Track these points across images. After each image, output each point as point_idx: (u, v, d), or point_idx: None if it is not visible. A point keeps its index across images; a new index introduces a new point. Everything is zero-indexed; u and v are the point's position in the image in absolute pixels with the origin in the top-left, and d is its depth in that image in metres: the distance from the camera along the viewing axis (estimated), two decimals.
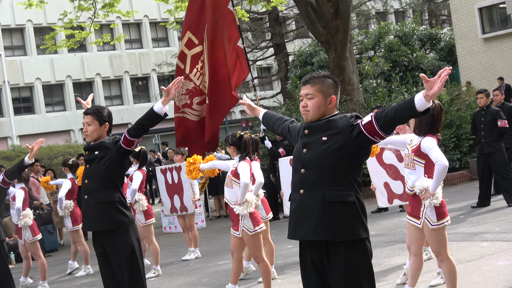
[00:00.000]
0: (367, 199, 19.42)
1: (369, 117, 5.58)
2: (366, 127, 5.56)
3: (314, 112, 5.84)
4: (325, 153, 5.70)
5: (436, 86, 5.31)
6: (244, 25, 37.10)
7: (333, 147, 5.67)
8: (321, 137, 5.74)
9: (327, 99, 5.83)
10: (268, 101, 39.71)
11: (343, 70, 22.65)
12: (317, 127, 5.82)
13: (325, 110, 5.84)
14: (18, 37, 48.70)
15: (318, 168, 5.72)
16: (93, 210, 8.05)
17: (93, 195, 8.04)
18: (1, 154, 36.81)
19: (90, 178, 8.10)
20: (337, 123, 5.75)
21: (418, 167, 7.95)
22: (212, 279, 12.34)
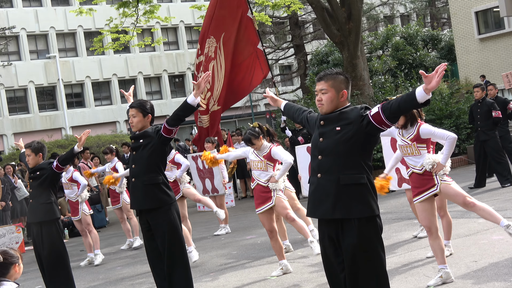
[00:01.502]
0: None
1: (376, 108, 5.60)
2: (374, 117, 5.58)
3: (328, 105, 5.86)
4: (339, 141, 5.71)
5: (434, 81, 5.35)
6: (268, 29, 37.05)
7: (346, 135, 5.68)
8: (335, 127, 5.76)
9: (339, 93, 5.84)
10: (289, 96, 39.60)
11: (355, 68, 22.57)
12: (331, 119, 5.83)
13: (337, 103, 5.85)
14: (70, 41, 48.86)
15: (333, 154, 5.74)
16: (140, 191, 8.11)
17: (140, 178, 8.10)
18: (56, 143, 37.00)
19: (137, 163, 8.16)
20: (349, 115, 5.76)
21: (422, 151, 7.95)
22: (240, 251, 12.34)
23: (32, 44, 47.21)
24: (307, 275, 9.55)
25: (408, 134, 8.04)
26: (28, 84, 46.06)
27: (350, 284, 5.69)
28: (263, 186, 9.83)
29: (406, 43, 31.51)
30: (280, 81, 44.53)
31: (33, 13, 46.95)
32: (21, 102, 46.60)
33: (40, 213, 9.72)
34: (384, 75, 28.34)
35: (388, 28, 33.40)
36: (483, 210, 8.11)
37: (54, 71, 46.91)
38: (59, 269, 9.63)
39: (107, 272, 12.51)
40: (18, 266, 5.83)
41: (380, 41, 32.76)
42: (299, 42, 37.88)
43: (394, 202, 15.44)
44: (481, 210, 8.11)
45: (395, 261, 9.39)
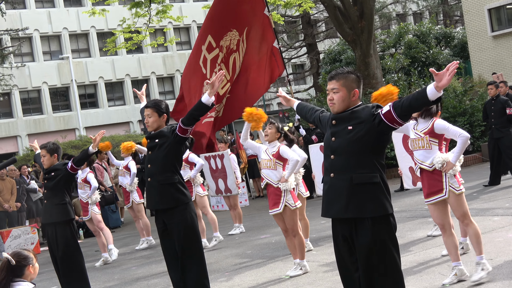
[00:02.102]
0: (390, 180, 19.32)
1: (388, 106, 5.58)
2: (385, 116, 5.56)
3: (339, 105, 5.85)
4: (351, 141, 5.70)
5: (445, 79, 5.32)
6: (280, 28, 37.03)
7: (358, 134, 5.67)
8: (347, 127, 5.75)
9: (350, 93, 5.84)
10: (302, 94, 39.60)
11: (368, 66, 22.55)
12: (343, 118, 5.82)
13: (349, 102, 5.85)
14: (83, 41, 49.00)
15: (345, 154, 5.73)
16: (156, 190, 8.13)
17: (155, 177, 8.12)
18: (70, 144, 37.13)
19: (152, 163, 8.17)
20: (361, 114, 5.74)
21: (433, 146, 7.91)
22: (255, 251, 12.35)
23: (45, 45, 47.38)
24: (321, 274, 9.54)
25: (422, 127, 8.01)
26: (41, 85, 46.23)
27: (365, 284, 5.67)
28: (274, 187, 9.82)
29: (419, 41, 31.41)
30: (292, 80, 44.44)
31: (46, 14, 47.11)
32: (35, 103, 46.78)
33: (54, 214, 9.74)
34: (397, 73, 28.27)
35: (401, 26, 33.31)
36: (473, 236, 7.95)
37: (67, 72, 47.06)
38: (74, 269, 9.66)
39: (122, 272, 12.54)
40: (33, 267, 5.84)
41: (393, 39, 32.67)
42: (311, 41, 37.85)
43: (409, 200, 15.41)
44: (472, 235, 7.96)
45: (410, 260, 9.37)
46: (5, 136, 44.30)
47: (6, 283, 5.72)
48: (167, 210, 8.09)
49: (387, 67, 27.95)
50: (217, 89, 7.74)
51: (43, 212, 10.07)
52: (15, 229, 17.40)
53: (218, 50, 15.81)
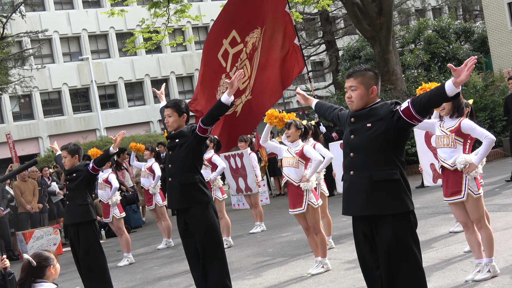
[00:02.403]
0: (411, 176, 19.24)
1: (406, 103, 5.56)
2: (404, 112, 5.53)
3: (357, 102, 5.82)
4: (370, 138, 5.68)
5: (463, 74, 5.28)
6: (299, 25, 36.95)
7: (377, 132, 5.64)
8: (366, 124, 5.72)
9: (369, 90, 5.80)
10: (321, 92, 39.57)
11: (387, 62, 22.47)
12: (361, 115, 5.80)
13: (367, 100, 5.81)
14: (102, 42, 49.19)
15: (365, 151, 5.71)
16: (177, 190, 8.13)
17: (176, 177, 8.12)
18: (91, 144, 37.26)
19: (173, 163, 8.18)
20: (379, 111, 5.72)
21: (458, 145, 7.85)
22: (276, 249, 12.34)
23: (65, 46, 47.62)
24: (343, 272, 9.52)
25: (449, 125, 7.95)
26: (62, 86, 46.47)
27: (386, 281, 5.66)
28: (295, 186, 9.80)
29: (438, 36, 31.26)
30: (312, 77, 44.45)
31: (65, 15, 47.33)
32: (56, 105, 47.03)
33: (76, 215, 9.79)
34: (416, 69, 28.15)
35: (420, 21, 33.17)
36: (485, 239, 7.89)
37: (87, 72, 47.27)
38: (96, 269, 9.70)
39: (144, 272, 12.57)
40: (54, 267, 5.86)
41: (412, 35, 32.54)
42: (330, 38, 37.79)
43: (430, 196, 15.33)
44: (484, 238, 7.89)
45: (432, 256, 9.33)
46: (26, 137, 44.57)
47: (27, 284, 5.76)
48: (188, 209, 8.09)
49: (407, 63, 27.85)
50: (236, 88, 7.73)
51: (66, 213, 10.11)
52: (37, 230, 17.50)
53: (242, 45, 15.83)
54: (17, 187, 18.44)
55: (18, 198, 18.36)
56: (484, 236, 7.82)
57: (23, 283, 5.77)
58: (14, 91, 31.29)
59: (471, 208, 7.78)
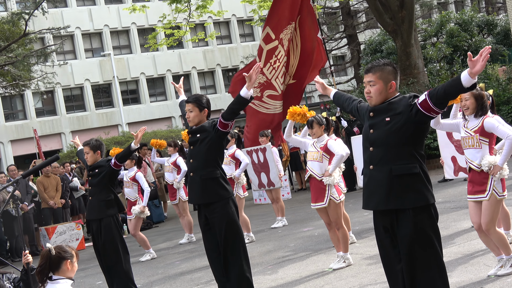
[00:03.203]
0: (434, 170, 19.16)
1: (424, 96, 5.55)
2: (422, 105, 5.54)
3: (376, 97, 5.82)
4: (390, 132, 5.67)
5: (478, 65, 5.29)
6: (320, 19, 36.87)
7: (396, 126, 5.64)
8: (385, 118, 5.72)
9: (387, 85, 5.79)
10: (343, 86, 39.45)
11: (409, 56, 22.37)
12: (380, 110, 5.79)
13: (386, 95, 5.81)
14: (124, 38, 49.33)
15: (384, 145, 5.71)
16: (198, 185, 8.12)
17: (198, 172, 8.12)
18: (113, 140, 37.46)
19: (195, 158, 8.18)
20: (398, 105, 5.71)
21: (483, 145, 7.79)
22: (297, 244, 12.34)
23: (87, 42, 47.80)
24: (365, 266, 9.50)
25: (472, 125, 7.88)
26: (84, 82, 46.67)
27: (408, 275, 5.64)
28: (318, 181, 9.80)
29: (460, 29, 31.07)
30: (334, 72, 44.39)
31: (87, 12, 47.51)
32: (78, 100, 47.24)
33: (99, 210, 9.81)
34: (439, 62, 28.00)
35: (442, 14, 32.97)
36: (497, 241, 7.82)
37: (109, 68, 47.44)
38: (119, 264, 9.71)
39: (166, 267, 12.62)
40: (71, 263, 5.87)
41: (434, 28, 32.35)
42: (351, 32, 37.65)
43: (452, 191, 15.26)
44: (497, 240, 7.82)
45: (454, 251, 9.28)
46: (49, 133, 44.80)
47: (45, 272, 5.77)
48: (209, 204, 8.09)
49: (429, 56, 27.70)
50: (255, 82, 7.68)
51: (88, 209, 10.11)
52: (60, 225, 17.61)
53: (277, 42, 15.90)
54: (40, 183, 18.57)
55: (41, 194, 18.49)
56: (495, 239, 7.77)
57: (41, 271, 5.80)
58: (36, 87, 31.40)
59: (489, 208, 7.70)
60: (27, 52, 25.53)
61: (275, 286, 9.41)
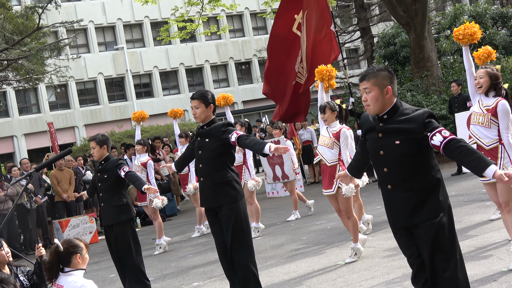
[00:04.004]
0: (447, 163, 19.10)
1: (439, 142, 5.37)
2: (433, 145, 5.43)
3: (374, 105, 5.66)
4: (401, 154, 5.55)
5: (505, 180, 5.10)
6: (334, 12, 36.80)
7: (407, 148, 5.52)
8: (395, 141, 5.57)
9: (383, 91, 5.63)
10: (356, 79, 39.33)
11: (423, 49, 22.30)
12: (389, 131, 5.63)
13: (383, 101, 5.64)
14: (137, 31, 49.40)
15: (398, 166, 5.59)
16: (210, 189, 8.09)
17: (208, 177, 8.08)
18: (126, 133, 37.50)
19: (204, 163, 8.14)
20: (408, 124, 5.53)
21: (493, 126, 7.77)
22: (310, 237, 12.34)
23: (100, 36, 47.91)
24: (378, 259, 9.49)
25: (487, 103, 7.85)
26: (97, 75, 46.79)
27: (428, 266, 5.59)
28: (328, 167, 9.86)
29: (475, 22, 30.89)
30: (347, 65, 44.28)
31: (100, 5, 47.61)
32: (91, 94, 47.37)
33: (113, 216, 9.55)
34: (452, 55, 27.90)
35: (456, 7, 32.81)
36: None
37: (122, 62, 47.53)
38: (130, 257, 9.67)
39: (179, 260, 12.64)
40: (81, 256, 5.88)
41: (448, 21, 32.20)
42: (365, 24, 37.52)
43: (465, 184, 15.22)
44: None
45: (467, 244, 9.26)
46: (62, 126, 44.95)
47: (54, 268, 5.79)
48: (220, 207, 8.09)
49: (443, 49, 27.61)
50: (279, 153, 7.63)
51: (102, 215, 9.92)
52: (73, 219, 17.68)
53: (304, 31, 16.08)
54: (53, 176, 18.64)
55: (55, 187, 18.56)
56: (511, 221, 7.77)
57: (51, 268, 5.81)
58: (50, 81, 31.48)
59: (502, 189, 7.69)
60: (40, 46, 25.59)
61: (287, 279, 9.42)
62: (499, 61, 23.72)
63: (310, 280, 9.09)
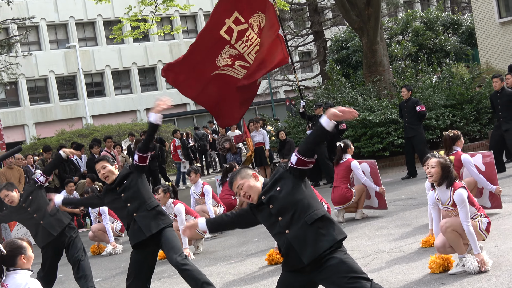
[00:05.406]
0: (397, 167, 19.27)
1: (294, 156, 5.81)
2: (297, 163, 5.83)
3: (253, 192, 5.97)
4: (287, 197, 5.85)
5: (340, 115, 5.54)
6: (287, 15, 36.93)
7: (287, 189, 5.87)
8: (276, 189, 5.89)
9: (251, 178, 6.00)
10: (309, 82, 39.56)
11: (375, 53, 22.48)
12: (267, 190, 5.94)
13: (257, 184, 5.99)
14: (90, 30, 49.03)
15: (289, 210, 5.80)
16: (149, 218, 8.20)
17: (142, 209, 8.19)
18: (77, 132, 37.20)
19: (131, 201, 8.17)
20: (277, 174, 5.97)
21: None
22: (260, 238, 12.34)
23: (52, 33, 47.44)
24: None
25: (445, 199, 7.78)
26: (48, 73, 46.32)
27: None
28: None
29: (426, 28, 31.32)
30: (299, 68, 44.42)
31: (53, 3, 47.15)
32: (42, 92, 46.88)
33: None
34: (404, 60, 28.21)
35: (408, 13, 33.23)
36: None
37: (74, 60, 47.12)
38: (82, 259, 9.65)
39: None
40: (26, 256, 5.80)
41: (400, 26, 32.60)
42: (318, 28, 37.75)
43: (415, 188, 15.35)
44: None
45: (416, 247, 9.35)
46: (12, 124, 44.42)
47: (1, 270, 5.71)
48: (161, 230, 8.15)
49: (394, 54, 27.91)
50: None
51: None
52: None
53: (247, 25, 16.06)
54: (2, 174, 18.38)
55: None
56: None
57: None
58: (0, 78, 31.15)
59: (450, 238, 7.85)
60: None
61: (237, 279, 9.42)
62: (449, 67, 24.05)
63: (260, 282, 9.10)
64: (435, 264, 7.91)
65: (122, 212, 8.16)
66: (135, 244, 8.09)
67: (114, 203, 8.22)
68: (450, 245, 7.82)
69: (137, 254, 8.11)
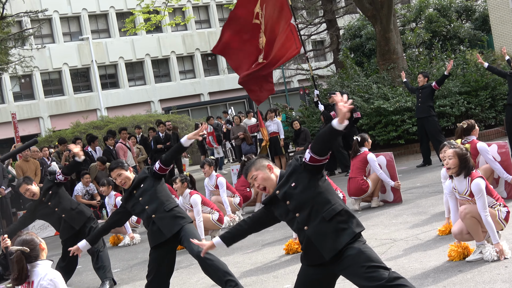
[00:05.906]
0: (412, 155, 19.23)
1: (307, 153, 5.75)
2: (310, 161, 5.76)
3: (268, 184, 5.99)
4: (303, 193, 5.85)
5: (341, 111, 5.47)
6: (299, 4, 36.84)
7: (304, 184, 5.85)
8: (291, 185, 5.86)
9: (266, 169, 5.98)
10: (322, 71, 39.47)
11: (388, 41, 22.41)
12: (281, 185, 5.92)
13: (272, 177, 5.99)
14: (103, 22, 49.07)
15: (307, 206, 5.78)
16: (167, 219, 8.24)
17: (160, 210, 8.21)
18: (92, 124, 37.30)
19: (149, 204, 8.20)
20: (290, 169, 5.94)
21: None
22: (276, 227, 12.33)
23: (65, 26, 47.51)
24: None
25: (462, 190, 7.72)
26: (62, 66, 46.42)
27: None
28: None
29: (439, 15, 31.14)
30: (313, 57, 44.31)
31: None
32: (56, 85, 47.00)
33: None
34: (418, 48, 28.08)
35: (421, 0, 33.06)
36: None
37: (87, 52, 47.20)
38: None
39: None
40: (41, 242, 5.85)
41: (413, 14, 32.41)
42: (331, 17, 37.61)
43: (431, 175, 15.30)
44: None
45: (432, 235, 9.34)
46: (27, 117, 44.58)
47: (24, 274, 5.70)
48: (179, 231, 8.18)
49: (408, 42, 27.78)
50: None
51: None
52: None
53: (263, 20, 16.16)
54: (19, 167, 18.47)
55: None
56: None
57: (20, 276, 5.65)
58: (14, 71, 31.21)
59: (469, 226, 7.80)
60: (4, 36, 25.34)
61: (253, 269, 9.44)
62: (464, 53, 23.93)
63: (277, 272, 9.12)
64: (455, 253, 7.89)
65: (142, 216, 8.18)
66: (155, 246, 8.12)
67: (135, 209, 8.21)
68: (467, 231, 7.80)
69: (156, 252, 8.14)
